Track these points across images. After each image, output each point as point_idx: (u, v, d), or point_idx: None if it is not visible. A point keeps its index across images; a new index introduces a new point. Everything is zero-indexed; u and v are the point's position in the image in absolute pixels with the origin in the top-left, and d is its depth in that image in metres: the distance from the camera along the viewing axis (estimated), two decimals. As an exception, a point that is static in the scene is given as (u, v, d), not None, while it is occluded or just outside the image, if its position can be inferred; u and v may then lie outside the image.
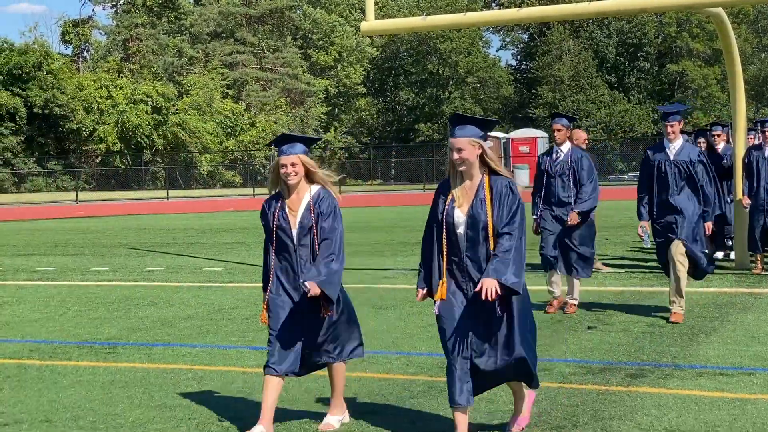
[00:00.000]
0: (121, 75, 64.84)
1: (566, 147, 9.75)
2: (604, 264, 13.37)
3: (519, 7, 53.93)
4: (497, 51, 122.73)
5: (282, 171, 5.70)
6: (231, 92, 66.73)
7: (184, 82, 64.93)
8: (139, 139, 60.43)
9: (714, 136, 13.90)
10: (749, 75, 60.13)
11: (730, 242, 13.73)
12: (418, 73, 67.48)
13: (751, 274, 12.30)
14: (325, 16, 68.74)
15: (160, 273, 14.58)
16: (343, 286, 5.75)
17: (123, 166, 61.09)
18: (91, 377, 7.31)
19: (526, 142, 53.65)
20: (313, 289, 5.43)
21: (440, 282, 5.24)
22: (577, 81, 63.31)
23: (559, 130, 9.71)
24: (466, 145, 5.19)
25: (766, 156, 12.39)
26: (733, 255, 13.58)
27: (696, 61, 65.51)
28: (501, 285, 5.06)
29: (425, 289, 5.37)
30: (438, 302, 5.25)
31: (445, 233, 5.25)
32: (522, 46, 73.43)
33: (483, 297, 5.00)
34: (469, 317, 5.20)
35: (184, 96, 63.90)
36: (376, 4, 16.23)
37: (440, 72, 66.48)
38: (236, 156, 64.15)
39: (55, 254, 18.40)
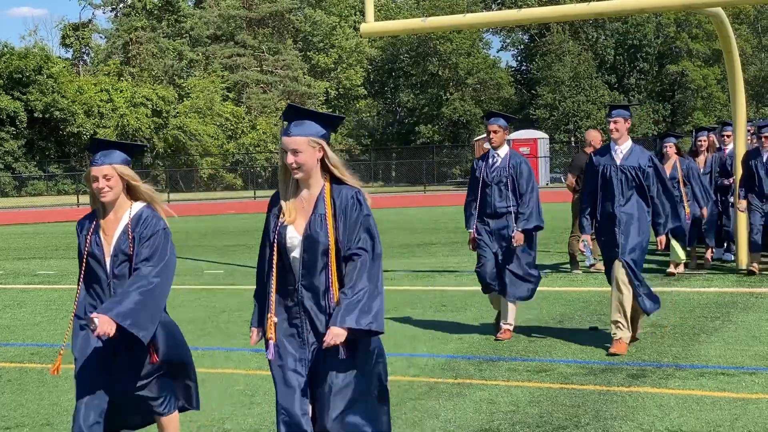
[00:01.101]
0: (122, 78, 64.85)
1: (504, 151, 8.60)
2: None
3: (519, 8, 53.94)
4: (497, 52, 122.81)
5: (94, 185, 4.66)
6: (231, 95, 66.75)
7: (184, 85, 64.95)
8: (139, 143, 60.46)
9: (724, 136, 13.84)
10: (749, 75, 60.11)
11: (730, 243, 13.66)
12: (419, 75, 67.49)
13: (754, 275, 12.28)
14: (324, 18, 68.76)
15: (161, 276, 14.57)
16: (170, 318, 4.84)
17: (123, 169, 61.00)
18: (93, 380, 7.30)
19: (526, 143, 53.62)
20: (103, 327, 4.32)
21: (268, 318, 4.28)
22: (577, 82, 63.32)
23: (495, 132, 8.56)
24: (304, 145, 4.18)
25: (765, 161, 12.09)
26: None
27: (696, 62, 65.51)
28: (353, 330, 4.08)
29: (258, 327, 4.41)
30: (270, 345, 4.29)
31: (276, 257, 4.25)
32: (522, 47, 73.46)
33: (325, 345, 4.10)
34: (303, 370, 4.27)
35: (185, 99, 63.93)
36: (375, 5, 16.23)
37: (440, 73, 66.49)
38: (237, 159, 64.17)
39: (57, 258, 18.40)
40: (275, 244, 4.25)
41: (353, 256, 4.15)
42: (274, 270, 4.27)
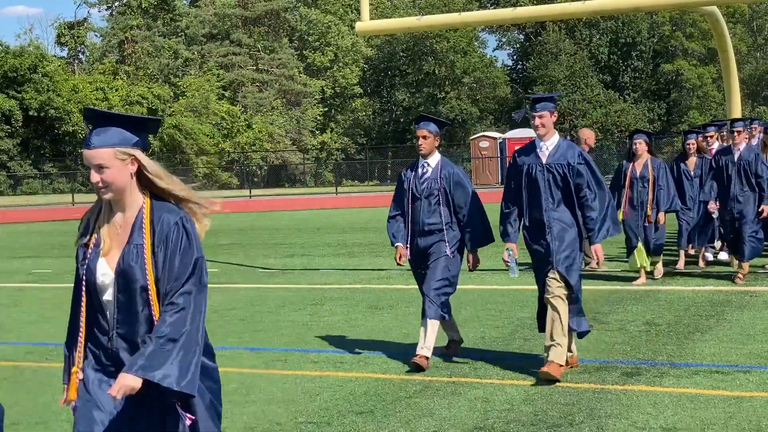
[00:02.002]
0: (117, 77, 64.78)
1: (435, 160, 7.50)
2: (598, 263, 13.36)
3: (514, 6, 53.97)
4: (493, 51, 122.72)
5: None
6: (227, 94, 66.69)
7: (179, 83, 64.90)
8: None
9: (707, 137, 13.72)
10: (744, 74, 60.19)
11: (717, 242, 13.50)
12: (414, 74, 67.47)
13: (749, 273, 12.29)
14: (320, 16, 68.73)
15: (157, 275, 14.56)
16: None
17: (119, 168, 60.99)
18: (88, 379, 7.30)
19: (522, 142, 53.62)
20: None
21: (72, 372, 3.46)
22: (573, 81, 63.35)
23: (424, 138, 7.46)
24: (109, 158, 3.35)
25: (735, 160, 11.44)
26: (723, 255, 13.51)
27: (691, 60, 65.58)
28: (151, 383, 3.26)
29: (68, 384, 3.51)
30: (73, 405, 3.46)
31: (84, 298, 3.45)
32: (518, 46, 73.49)
33: (114, 395, 3.25)
34: None
35: (180, 98, 63.86)
36: (371, 4, 16.22)
37: (436, 72, 66.49)
38: (233, 157, 64.14)
39: (52, 256, 18.37)
40: (83, 282, 3.44)
41: (173, 304, 3.35)
42: (83, 314, 3.46)
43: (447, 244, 7.33)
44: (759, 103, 65.24)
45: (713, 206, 11.58)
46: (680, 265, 12.82)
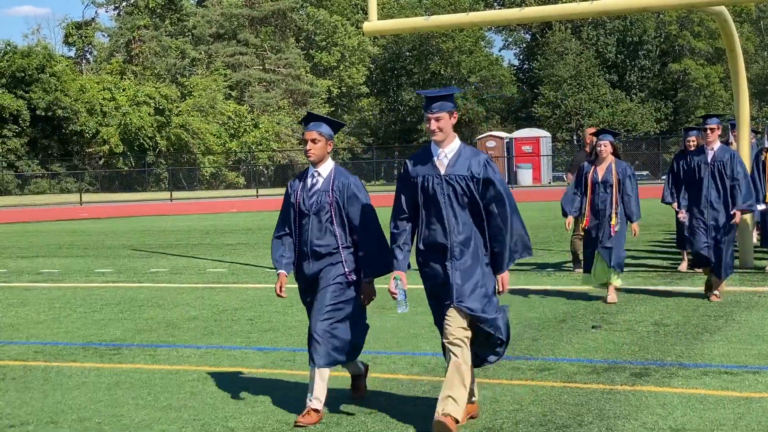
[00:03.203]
0: (124, 77, 64.93)
1: (326, 168, 6.16)
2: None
3: (521, 6, 53.94)
4: (500, 51, 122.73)
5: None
6: (234, 93, 66.80)
7: (186, 83, 65.02)
8: (142, 141, 60.51)
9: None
10: (752, 73, 60.09)
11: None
12: (421, 73, 67.50)
13: (756, 273, 12.27)
14: (327, 16, 68.77)
15: (165, 274, 14.59)
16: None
17: (126, 168, 61.18)
18: (96, 378, 7.32)
19: (529, 141, 53.63)
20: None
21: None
22: (579, 80, 63.29)
23: (313, 141, 6.08)
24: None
25: (708, 161, 10.15)
26: None
27: (698, 60, 65.48)
28: None
29: None
30: None
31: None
32: (524, 45, 73.44)
33: None
34: None
35: (187, 97, 63.98)
36: (378, 4, 16.23)
37: (443, 72, 66.49)
38: (239, 157, 64.21)
39: (60, 256, 18.42)
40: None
41: None
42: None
43: (344, 266, 6.03)
44: (767, 103, 65.07)
45: (683, 215, 10.30)
46: (682, 267, 12.79)
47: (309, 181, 6.18)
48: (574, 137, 63.51)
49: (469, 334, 5.61)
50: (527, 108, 67.02)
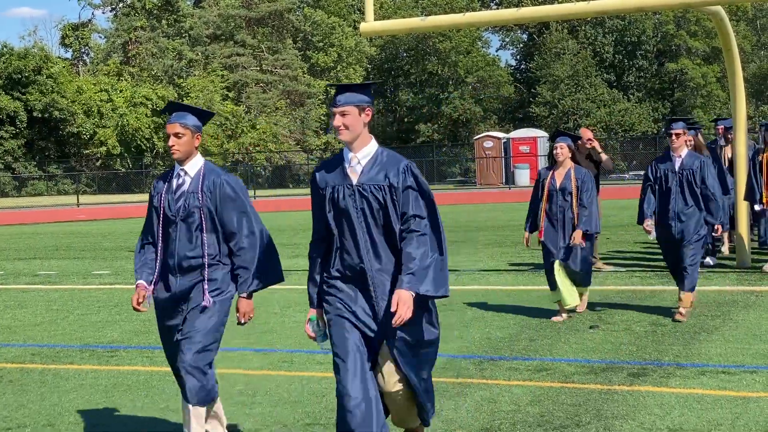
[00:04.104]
0: (121, 78, 64.89)
1: (195, 166, 5.27)
2: (605, 263, 13.36)
3: (517, 6, 53.96)
4: (497, 51, 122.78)
5: None
6: (231, 94, 66.77)
7: (184, 84, 64.98)
8: (139, 142, 60.51)
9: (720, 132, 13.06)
10: (749, 73, 60.12)
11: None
12: (418, 74, 67.50)
13: (753, 272, 12.27)
14: (324, 17, 68.78)
15: (162, 276, 14.57)
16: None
17: (123, 170, 61.15)
18: (94, 381, 7.31)
19: (526, 141, 53.64)
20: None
21: None
22: (576, 80, 63.33)
23: (177, 135, 5.21)
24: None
25: (676, 169, 9.19)
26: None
27: (695, 59, 65.53)
28: None
29: None
30: None
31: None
32: (521, 45, 73.49)
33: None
34: None
35: (184, 99, 63.92)
36: (374, 4, 16.24)
37: (440, 72, 66.51)
38: (237, 158, 64.20)
39: (57, 258, 18.40)
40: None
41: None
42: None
43: (218, 283, 5.15)
44: (763, 102, 65.15)
45: (648, 225, 9.25)
46: None
47: (175, 181, 5.24)
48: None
49: (403, 387, 4.67)
50: (524, 108, 67.04)
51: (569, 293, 9.14)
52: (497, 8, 64.87)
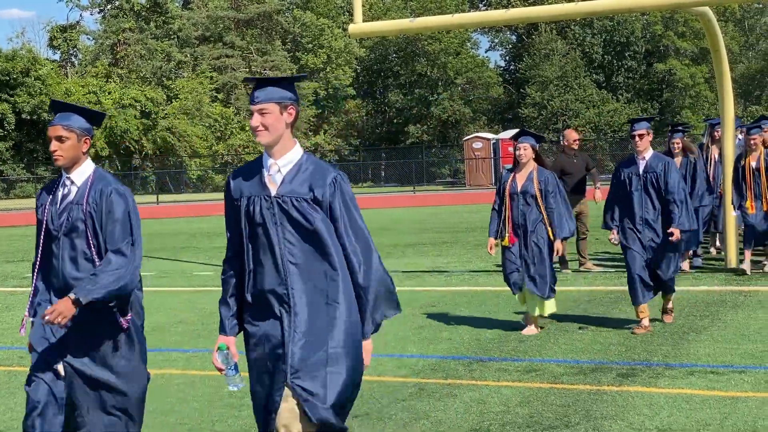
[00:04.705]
0: (110, 80, 64.72)
1: (83, 174, 4.55)
2: (595, 264, 13.38)
3: (506, 8, 54.05)
4: (486, 52, 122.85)
5: None
6: (220, 96, 66.66)
7: (172, 86, 64.83)
8: (128, 144, 60.38)
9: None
10: (737, 73, 60.36)
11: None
12: (407, 75, 67.51)
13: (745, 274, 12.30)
14: (313, 19, 68.75)
15: (151, 278, 14.53)
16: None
17: (112, 171, 61.00)
18: (82, 384, 7.27)
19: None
20: None
21: None
22: (565, 81, 63.44)
23: (59, 140, 4.55)
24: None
25: (640, 173, 8.64)
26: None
27: (683, 60, 65.75)
28: None
29: None
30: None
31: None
32: (510, 46, 73.60)
33: None
34: None
35: (173, 100, 63.82)
36: (363, 5, 16.23)
37: (429, 73, 66.54)
38: (226, 160, 64.10)
39: (45, 260, 18.33)
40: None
41: None
42: None
43: (114, 309, 4.46)
44: (751, 102, 65.42)
45: (614, 236, 8.77)
46: (684, 266, 12.79)
47: (60, 192, 4.54)
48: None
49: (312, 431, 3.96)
50: (513, 109, 67.14)
51: (532, 305, 8.75)
52: (486, 10, 64.95)
